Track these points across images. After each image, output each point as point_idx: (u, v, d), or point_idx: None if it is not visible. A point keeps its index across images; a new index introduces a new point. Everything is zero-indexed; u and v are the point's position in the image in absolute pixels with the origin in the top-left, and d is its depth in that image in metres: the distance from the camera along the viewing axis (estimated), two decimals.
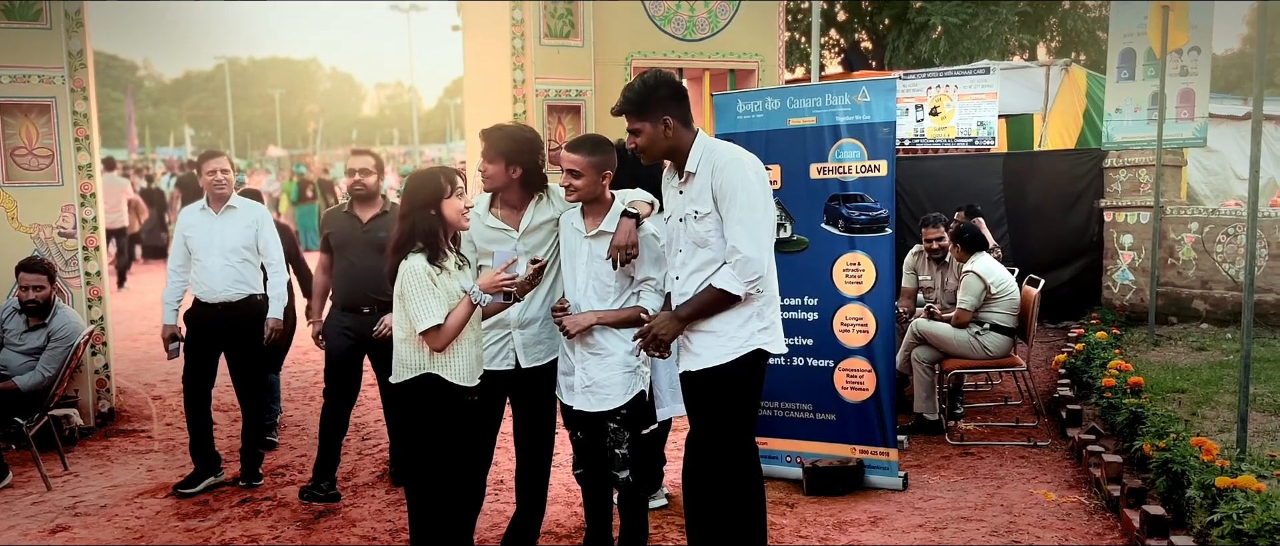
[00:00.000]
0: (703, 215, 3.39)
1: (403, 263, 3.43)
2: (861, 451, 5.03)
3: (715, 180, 3.34)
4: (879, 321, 4.96)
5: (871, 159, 4.92)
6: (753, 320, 3.40)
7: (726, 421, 3.45)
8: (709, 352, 3.41)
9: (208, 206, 5.36)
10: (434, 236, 3.44)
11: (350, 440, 6.37)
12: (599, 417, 3.69)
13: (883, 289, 4.95)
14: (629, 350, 3.65)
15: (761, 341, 3.42)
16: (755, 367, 3.45)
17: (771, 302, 3.46)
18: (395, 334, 3.52)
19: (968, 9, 14.75)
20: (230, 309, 5.30)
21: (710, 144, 3.45)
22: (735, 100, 5.20)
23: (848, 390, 5.04)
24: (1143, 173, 9.80)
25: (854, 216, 4.96)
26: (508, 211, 3.89)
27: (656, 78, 3.45)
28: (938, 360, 6.06)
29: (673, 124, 3.42)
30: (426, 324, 3.36)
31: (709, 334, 3.41)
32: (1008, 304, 5.91)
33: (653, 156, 3.51)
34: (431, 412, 3.49)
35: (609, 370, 3.65)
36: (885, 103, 4.89)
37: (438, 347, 3.42)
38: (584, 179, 3.61)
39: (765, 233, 3.33)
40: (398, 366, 3.50)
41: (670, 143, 3.43)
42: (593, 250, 3.68)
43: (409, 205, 3.47)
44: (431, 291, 3.37)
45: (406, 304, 3.39)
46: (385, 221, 4.91)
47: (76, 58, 6.45)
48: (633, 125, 3.46)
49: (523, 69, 7.66)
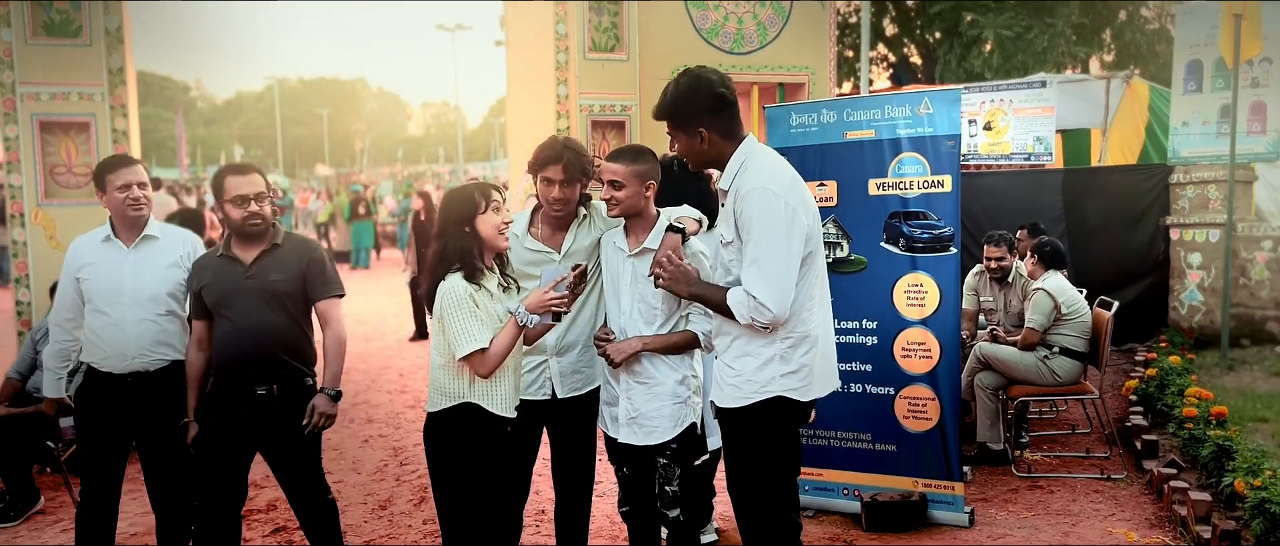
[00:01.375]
0: (727, 242, 3.11)
1: (440, 284, 3.24)
2: (924, 484, 4.73)
3: (737, 208, 3.02)
4: (943, 346, 4.67)
5: (934, 174, 4.64)
6: (774, 363, 3.04)
7: (743, 471, 3.14)
8: (726, 391, 3.11)
9: (115, 236, 3.89)
10: (469, 255, 3.24)
11: (387, 463, 6.19)
12: (646, 452, 3.42)
13: (947, 312, 4.66)
14: (678, 378, 3.40)
15: (784, 387, 3.04)
16: (777, 417, 3.08)
17: (803, 345, 3.06)
18: (433, 359, 3.31)
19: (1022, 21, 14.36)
20: (144, 382, 3.82)
21: (747, 160, 3.09)
22: (789, 113, 4.95)
23: (909, 419, 4.75)
24: (1211, 189, 9.36)
25: (916, 235, 4.68)
26: (549, 231, 3.66)
27: (694, 84, 3.09)
28: (1002, 386, 5.74)
29: (709, 136, 3.09)
30: (468, 348, 3.15)
31: (728, 369, 3.11)
32: (1079, 326, 5.58)
33: (695, 166, 3.27)
34: (469, 443, 3.28)
35: (657, 400, 3.39)
36: (949, 114, 4.62)
37: (485, 373, 3.21)
38: (626, 190, 3.36)
39: (784, 276, 2.95)
40: (435, 394, 3.30)
41: (708, 154, 3.13)
42: (636, 270, 3.43)
43: (443, 223, 3.28)
44: (473, 313, 3.17)
45: (445, 327, 3.19)
46: (278, 259, 3.73)
47: (117, 75, 6.37)
48: (670, 132, 3.20)
49: (566, 84, 7.48)
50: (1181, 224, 9.52)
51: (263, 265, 3.71)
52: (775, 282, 2.94)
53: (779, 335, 3.03)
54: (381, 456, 6.38)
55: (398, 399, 8.04)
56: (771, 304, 2.93)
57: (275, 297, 3.68)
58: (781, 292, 2.95)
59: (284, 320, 3.71)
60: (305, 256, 3.80)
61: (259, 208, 3.69)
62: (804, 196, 3.09)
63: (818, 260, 3.12)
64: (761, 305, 2.94)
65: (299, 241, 3.91)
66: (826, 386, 3.20)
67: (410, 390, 8.39)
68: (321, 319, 3.82)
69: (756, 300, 2.94)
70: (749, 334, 3.05)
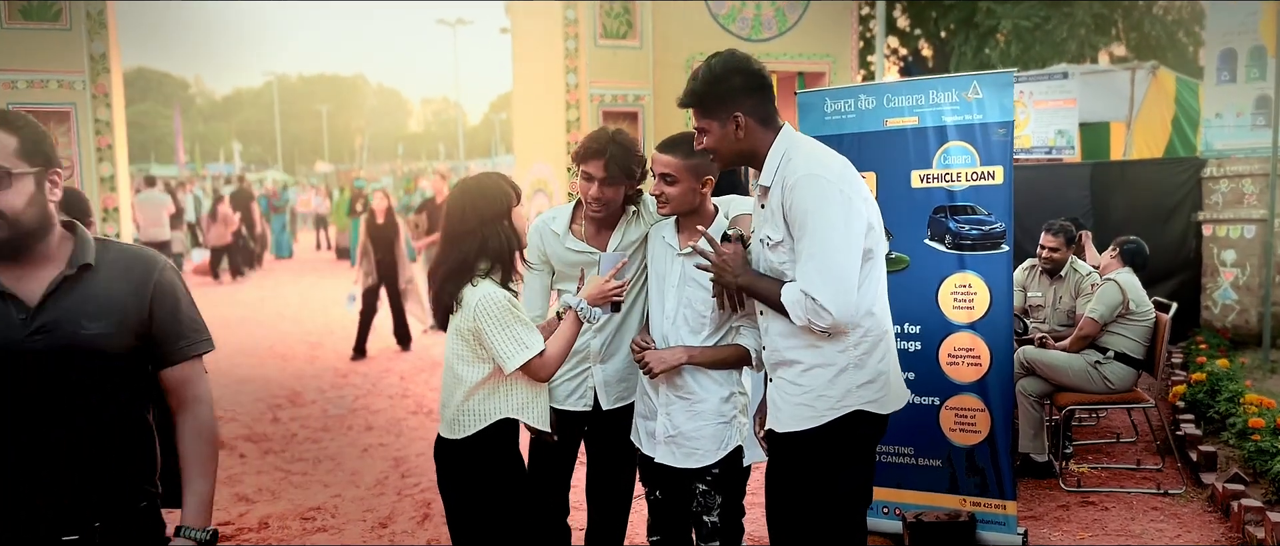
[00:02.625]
0: (774, 243, 2.71)
1: (468, 293, 2.83)
2: (973, 503, 4.35)
3: (785, 201, 2.65)
4: (994, 352, 4.28)
5: (984, 164, 4.26)
6: (849, 373, 2.66)
7: (810, 502, 2.73)
8: (790, 411, 2.72)
9: None
10: (509, 255, 2.87)
11: (387, 475, 5.81)
12: (684, 475, 3.03)
13: (998, 315, 4.27)
14: (724, 395, 3.01)
15: (861, 400, 2.68)
16: (853, 435, 2.70)
17: (878, 349, 2.70)
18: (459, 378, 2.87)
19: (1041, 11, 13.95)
20: None
21: (788, 150, 2.73)
22: (823, 98, 4.56)
23: (956, 432, 4.36)
24: (1247, 183, 8.97)
25: (964, 231, 4.30)
26: (593, 230, 3.28)
27: (727, 63, 2.74)
28: (1048, 393, 5.35)
29: (746, 122, 2.72)
30: (523, 356, 2.79)
31: (792, 387, 2.72)
32: (1140, 331, 5.19)
33: (727, 161, 2.83)
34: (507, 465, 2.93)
35: (699, 419, 3.00)
36: (1000, 99, 4.23)
37: (544, 378, 2.89)
38: (679, 186, 2.97)
39: (845, 273, 2.58)
40: (465, 418, 2.89)
41: (744, 145, 2.75)
42: (686, 271, 3.03)
43: (477, 218, 2.85)
44: (519, 319, 2.81)
45: (487, 340, 2.79)
46: (88, 293, 2.06)
47: (99, 62, 5.99)
48: (698, 122, 2.80)
49: (576, 72, 7.09)
50: (1215, 219, 9.14)
51: (60, 307, 2.03)
52: (835, 280, 2.56)
53: (851, 339, 2.67)
54: (382, 468, 6.00)
55: (399, 404, 7.66)
56: (832, 305, 2.55)
57: (81, 366, 2.04)
58: (843, 291, 2.57)
59: (98, 408, 2.09)
60: (142, 285, 2.14)
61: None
62: (859, 184, 2.72)
63: (879, 254, 2.74)
64: (820, 307, 2.56)
65: (130, 258, 2.17)
66: (902, 397, 2.83)
67: (412, 394, 8.01)
68: (174, 395, 2.23)
69: (815, 301, 2.56)
70: (815, 343, 2.68)
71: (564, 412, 3.29)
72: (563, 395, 3.31)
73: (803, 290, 2.59)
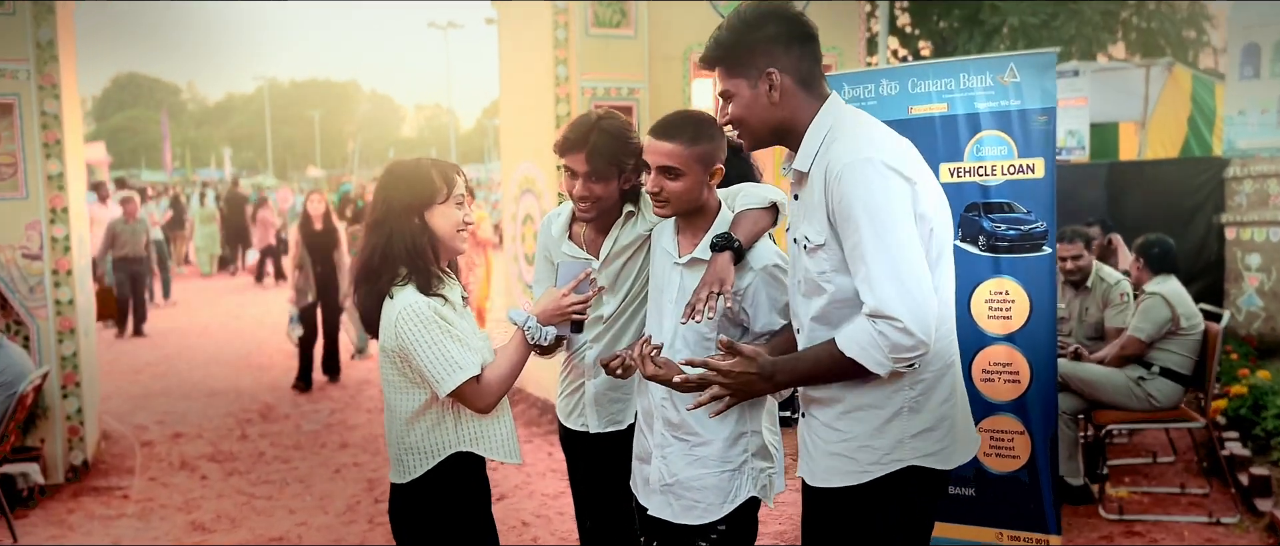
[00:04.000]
0: (815, 246, 2.14)
1: (386, 305, 2.35)
2: (1011, 537, 3.87)
3: (831, 193, 2.08)
4: (1034, 368, 3.81)
5: (1023, 156, 3.79)
6: (901, 419, 2.11)
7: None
8: (825, 463, 2.19)
9: None
10: (420, 256, 2.36)
11: (360, 500, 5.32)
12: (682, 531, 2.48)
13: (1039, 326, 3.79)
14: (729, 436, 2.44)
15: (916, 453, 2.11)
16: (903, 496, 2.14)
17: (941, 386, 2.13)
18: (396, 410, 2.40)
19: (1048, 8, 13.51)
20: None
21: (834, 126, 2.15)
22: (840, 84, 4.08)
23: (992, 457, 3.89)
24: (1273, 183, 8.51)
25: (1000, 231, 3.83)
26: (593, 233, 2.79)
27: (762, 8, 2.18)
28: (1083, 410, 4.87)
29: (782, 82, 2.15)
30: (455, 379, 2.30)
31: (830, 432, 2.17)
32: (1190, 345, 4.71)
33: (756, 136, 2.23)
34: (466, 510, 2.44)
35: (699, 466, 2.45)
36: (1041, 82, 3.76)
37: (484, 408, 2.38)
38: (684, 181, 2.40)
39: (918, 279, 2.00)
40: (408, 457, 2.41)
41: (780, 113, 2.17)
42: (685, 283, 2.49)
43: (382, 210, 2.37)
44: (447, 332, 2.31)
45: (414, 358, 2.30)
46: None
47: (46, 49, 5.49)
48: (723, 84, 2.23)
49: (566, 64, 6.61)
50: (1238, 222, 8.68)
51: None
52: (911, 290, 1.98)
53: (906, 375, 2.11)
54: (354, 492, 5.50)
55: (377, 419, 7.16)
56: (912, 321, 1.97)
57: None
58: (921, 303, 1.98)
59: None
60: None
61: None
62: (925, 173, 2.16)
63: (945, 264, 2.17)
64: (902, 329, 1.97)
65: None
66: (970, 446, 2.25)
67: None
68: None
69: (893, 324, 1.98)
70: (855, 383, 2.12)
71: (567, 431, 2.88)
72: (565, 411, 2.86)
73: (870, 316, 2.01)
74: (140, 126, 62.60)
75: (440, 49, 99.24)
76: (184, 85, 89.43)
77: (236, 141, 68.08)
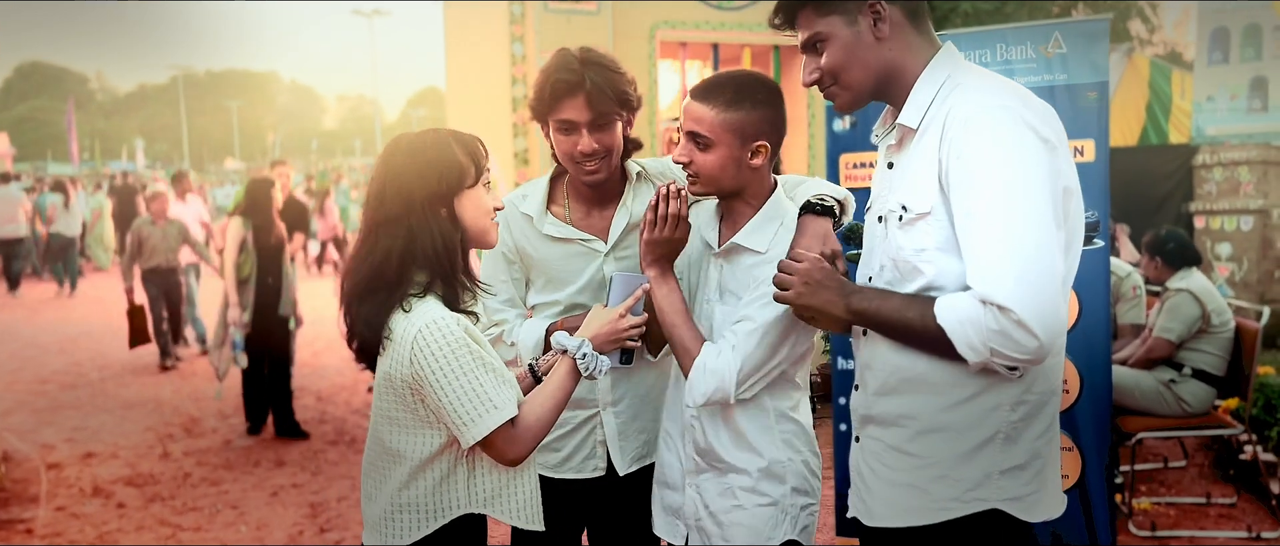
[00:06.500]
0: (913, 216, 1.68)
1: (399, 321, 1.78)
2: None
3: (950, 149, 1.62)
4: (1084, 377, 3.39)
5: (1071, 138, 3.33)
6: (995, 445, 1.68)
7: None
8: (886, 495, 1.76)
9: None
10: (450, 260, 1.81)
11: (302, 529, 4.70)
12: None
13: (1092, 328, 3.37)
14: (764, 464, 1.98)
15: (1004, 494, 1.68)
16: (991, 541, 1.71)
17: (1043, 413, 1.71)
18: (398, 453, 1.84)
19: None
20: None
21: (954, 73, 1.72)
22: None
23: None
24: (1243, 170, 8.34)
25: None
26: (583, 210, 2.26)
27: None
28: None
29: (892, 14, 1.72)
30: (488, 423, 1.75)
31: (897, 454, 1.74)
32: (1222, 344, 4.37)
33: (859, 89, 1.77)
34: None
35: (731, 498, 2.00)
36: (1090, 55, 3.36)
37: (514, 458, 1.83)
38: (714, 153, 1.93)
39: (1052, 266, 1.57)
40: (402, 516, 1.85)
41: (887, 56, 1.74)
42: (725, 278, 2.03)
43: (402, 202, 1.79)
44: (481, 362, 1.76)
45: (437, 393, 1.74)
46: None
47: None
48: (813, 27, 1.75)
49: (523, 41, 6.05)
50: (1208, 210, 8.50)
51: None
52: (1034, 277, 1.53)
53: (1010, 390, 1.66)
54: (294, 518, 4.88)
55: (316, 430, 6.50)
56: (1035, 320, 1.52)
57: None
58: (1044, 295, 1.54)
59: None
60: None
61: None
62: (1065, 142, 1.69)
63: (1075, 252, 1.72)
64: (1018, 323, 1.52)
65: None
66: (1058, 500, 1.78)
67: (331, 419, 6.85)
68: None
69: (1007, 315, 1.52)
70: (954, 385, 1.67)
71: (564, 483, 2.27)
72: (559, 459, 2.29)
73: (982, 299, 1.55)
74: (45, 117, 60.06)
75: (364, 38, 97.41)
76: (92, 75, 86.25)
77: (149, 133, 65.68)
